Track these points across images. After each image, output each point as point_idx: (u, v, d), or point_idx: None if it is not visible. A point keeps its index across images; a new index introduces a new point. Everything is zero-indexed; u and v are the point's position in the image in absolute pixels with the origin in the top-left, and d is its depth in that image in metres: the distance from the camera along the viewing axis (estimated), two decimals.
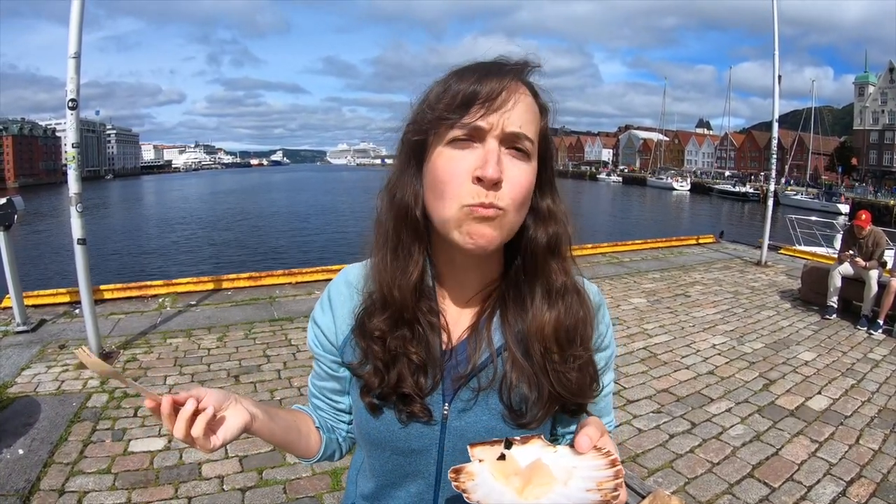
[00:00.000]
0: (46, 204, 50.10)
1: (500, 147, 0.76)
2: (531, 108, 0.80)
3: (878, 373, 5.06)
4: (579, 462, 0.69)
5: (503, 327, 0.87)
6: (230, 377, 4.62)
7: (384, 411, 0.87)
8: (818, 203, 45.24)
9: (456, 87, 0.77)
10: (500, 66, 0.80)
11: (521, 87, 0.80)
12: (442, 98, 0.78)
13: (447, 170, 0.77)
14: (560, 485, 0.67)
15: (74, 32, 4.45)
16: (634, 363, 5.16)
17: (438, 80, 0.82)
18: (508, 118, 0.76)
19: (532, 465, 0.69)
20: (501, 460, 0.71)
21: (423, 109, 0.81)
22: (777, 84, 9.97)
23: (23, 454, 3.37)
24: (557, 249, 0.86)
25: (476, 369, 0.85)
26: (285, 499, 3.06)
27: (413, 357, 0.84)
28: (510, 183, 0.76)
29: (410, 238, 0.84)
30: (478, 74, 0.77)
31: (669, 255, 10.76)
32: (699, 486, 3.26)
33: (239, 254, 23.24)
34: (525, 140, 0.78)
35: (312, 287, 7.57)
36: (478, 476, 0.69)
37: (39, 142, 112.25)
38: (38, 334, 5.53)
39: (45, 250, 23.77)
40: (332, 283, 0.97)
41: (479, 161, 0.75)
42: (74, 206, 4.65)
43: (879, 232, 6.61)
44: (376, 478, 0.94)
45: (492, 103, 0.75)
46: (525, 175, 0.78)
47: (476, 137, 0.76)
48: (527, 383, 0.85)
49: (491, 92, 0.76)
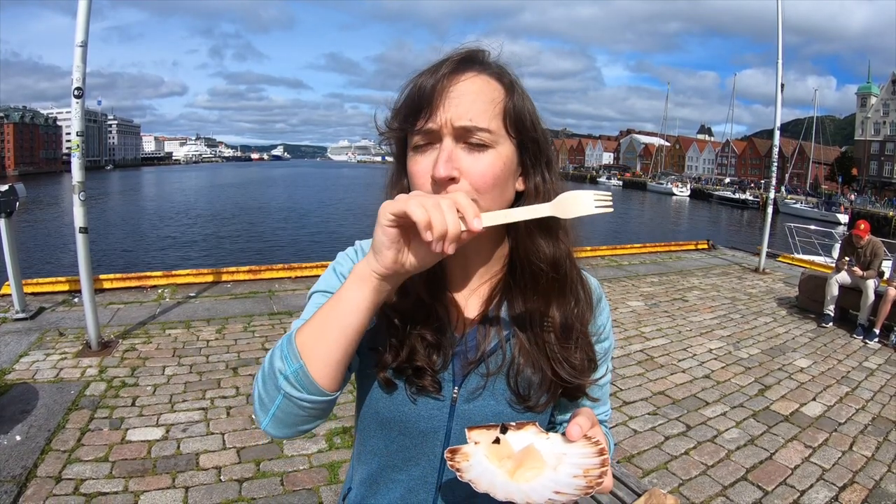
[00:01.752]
0: (46, 193, 50.09)
1: (456, 144, 0.78)
2: (483, 95, 0.80)
3: (872, 381, 5.08)
4: (569, 449, 0.72)
5: (510, 314, 0.89)
6: (229, 369, 4.63)
7: (396, 386, 0.88)
8: (818, 212, 45.27)
9: (407, 91, 0.81)
10: (446, 60, 0.81)
11: (467, 73, 0.80)
12: (398, 107, 0.83)
13: (414, 174, 0.81)
14: (550, 469, 0.70)
15: (82, 21, 4.44)
16: (631, 365, 5.18)
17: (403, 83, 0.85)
18: (455, 113, 0.77)
19: (525, 449, 0.73)
20: (496, 444, 0.74)
21: (391, 120, 0.85)
22: (780, 92, 9.99)
23: (20, 441, 3.38)
24: (544, 226, 0.85)
25: (485, 355, 0.88)
26: (282, 490, 3.07)
27: (427, 336, 0.85)
28: (470, 175, 0.78)
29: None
30: (426, 75, 0.80)
31: (668, 260, 10.78)
32: (693, 488, 3.29)
33: (238, 247, 23.24)
34: (479, 131, 0.78)
35: (312, 282, 7.47)
36: (472, 457, 0.72)
37: (40, 130, 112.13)
38: (37, 322, 5.54)
39: (43, 239, 23.76)
40: (354, 246, 0.98)
41: (433, 162, 0.78)
42: (77, 195, 4.64)
43: (878, 242, 6.63)
44: (379, 459, 0.95)
45: (433, 102, 0.77)
46: (484, 164, 0.79)
47: (434, 140, 0.79)
48: (532, 368, 0.87)
49: (431, 90, 0.78)
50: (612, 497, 2.33)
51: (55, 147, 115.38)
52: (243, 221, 32.97)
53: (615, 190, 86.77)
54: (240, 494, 3.02)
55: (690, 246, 12.24)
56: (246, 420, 3.81)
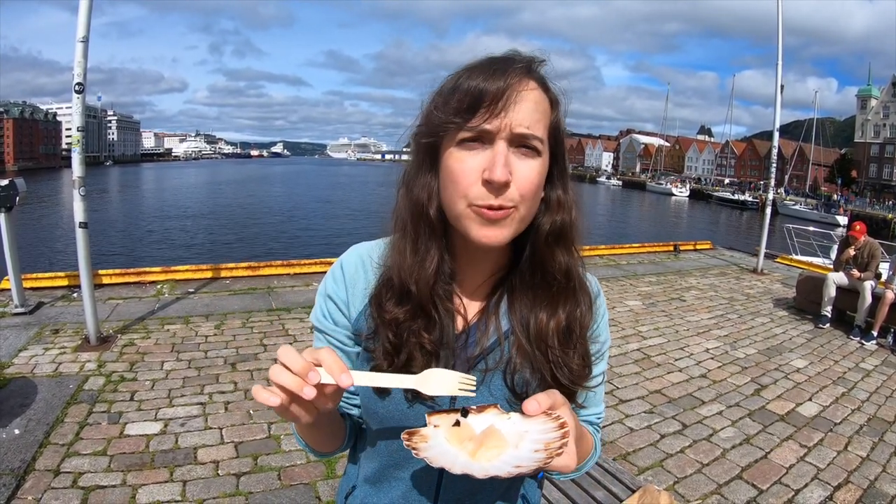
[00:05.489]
0: (45, 188, 50.06)
1: (508, 147, 0.78)
2: (540, 105, 0.81)
3: (868, 382, 5.11)
4: (530, 426, 0.72)
5: (510, 313, 0.90)
6: (227, 364, 4.65)
7: (391, 392, 0.89)
8: (816, 214, 45.38)
9: (464, 86, 0.79)
10: (508, 63, 0.80)
11: (530, 82, 0.80)
12: (450, 99, 0.80)
13: (457, 170, 0.79)
14: (511, 448, 0.70)
15: (83, 16, 4.44)
16: (628, 364, 5.20)
17: (450, 76, 0.84)
18: (515, 119, 0.77)
19: (486, 431, 0.72)
20: (456, 426, 0.74)
21: (432, 111, 0.83)
22: (779, 94, 10.00)
23: (19, 434, 3.39)
24: (562, 237, 0.87)
25: (484, 352, 0.89)
26: (280, 485, 3.09)
27: (426, 344, 0.86)
28: (518, 181, 0.78)
29: (427, 235, 0.86)
30: (485, 73, 0.78)
31: (666, 260, 10.81)
32: (688, 486, 3.31)
33: (237, 243, 23.24)
34: (533, 139, 0.79)
35: (310, 279, 7.59)
36: (431, 439, 0.72)
37: (40, 126, 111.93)
38: (36, 317, 5.55)
39: (42, 234, 23.75)
40: (344, 258, 0.98)
41: (488, 163, 0.77)
42: (77, 190, 4.65)
43: (875, 243, 6.65)
44: (381, 457, 0.96)
45: (497, 105, 0.77)
46: (534, 171, 0.80)
47: (484, 139, 0.78)
48: (529, 368, 0.88)
49: (497, 92, 0.77)
50: (606, 493, 2.35)
51: (55, 142, 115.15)
52: (242, 218, 32.95)
53: (615, 189, 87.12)
54: (237, 489, 3.03)
55: (689, 246, 12.24)
56: (244, 415, 3.82)
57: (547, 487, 2.38)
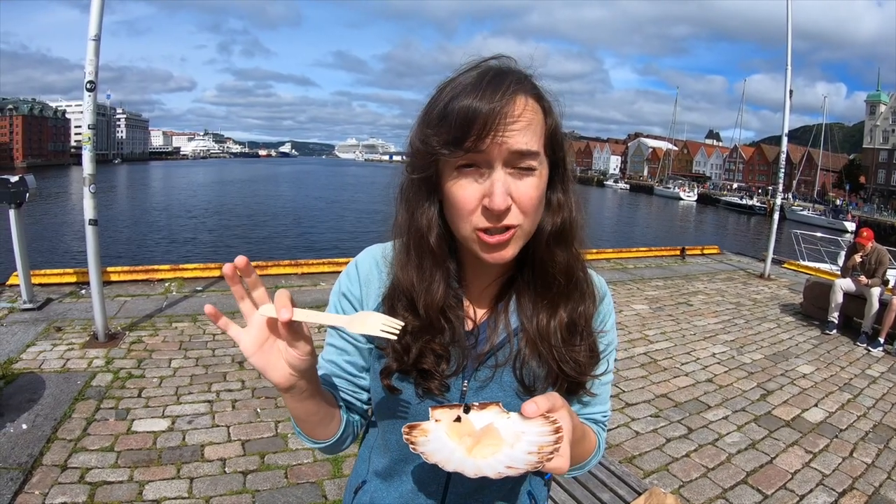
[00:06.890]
0: (54, 185, 50.38)
1: (506, 169, 0.78)
2: (534, 117, 0.79)
3: (875, 389, 5.08)
4: (528, 428, 0.73)
5: (519, 310, 0.92)
6: (234, 363, 4.67)
7: (402, 391, 0.91)
8: (824, 220, 45.09)
9: (454, 110, 0.76)
10: (498, 81, 0.78)
11: (521, 98, 0.78)
12: (441, 127, 0.78)
13: (460, 197, 0.79)
14: (507, 447, 0.72)
15: (95, 15, 4.47)
16: (634, 367, 5.20)
17: (437, 92, 0.83)
18: (510, 140, 0.76)
19: (485, 428, 0.74)
20: (457, 422, 0.75)
21: (423, 140, 0.81)
22: (788, 98, 9.96)
23: (26, 429, 3.43)
24: (562, 237, 0.88)
25: (494, 348, 0.90)
26: (286, 483, 3.10)
27: (436, 347, 0.88)
28: (519, 201, 0.79)
29: (430, 262, 0.87)
30: (475, 93, 0.76)
31: (673, 264, 10.78)
32: (694, 490, 3.30)
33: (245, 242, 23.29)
34: (530, 157, 0.78)
35: (318, 279, 7.61)
36: (431, 433, 0.74)
37: (49, 123, 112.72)
38: (44, 313, 5.59)
39: (51, 230, 23.90)
40: (359, 258, 1.00)
41: (487, 190, 0.77)
42: (88, 187, 4.68)
43: (882, 250, 6.61)
44: (391, 452, 0.98)
45: (490, 128, 0.75)
46: (533, 188, 0.80)
47: (480, 164, 0.78)
48: (538, 361, 0.90)
49: (490, 114, 0.74)
50: (612, 495, 2.35)
51: (63, 139, 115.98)
52: (250, 217, 33.06)
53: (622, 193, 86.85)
54: (244, 486, 3.05)
55: (697, 251, 12.20)
56: (251, 413, 3.84)
57: (553, 488, 2.39)
